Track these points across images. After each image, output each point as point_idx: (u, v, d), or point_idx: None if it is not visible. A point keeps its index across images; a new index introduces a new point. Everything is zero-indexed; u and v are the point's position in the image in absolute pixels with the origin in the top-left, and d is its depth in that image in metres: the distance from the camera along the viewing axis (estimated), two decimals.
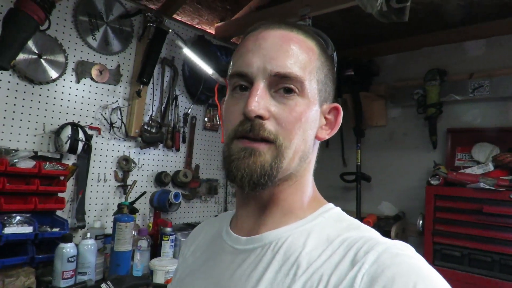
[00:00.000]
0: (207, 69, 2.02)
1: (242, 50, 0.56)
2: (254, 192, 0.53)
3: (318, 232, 0.53)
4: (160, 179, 2.13)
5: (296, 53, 0.53)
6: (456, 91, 2.35)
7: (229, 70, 0.58)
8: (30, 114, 1.68)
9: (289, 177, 0.56)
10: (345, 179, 2.66)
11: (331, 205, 0.59)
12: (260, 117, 0.51)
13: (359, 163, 2.65)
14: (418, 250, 0.48)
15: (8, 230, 1.45)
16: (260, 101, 0.51)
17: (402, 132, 2.69)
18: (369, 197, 2.74)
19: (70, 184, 1.79)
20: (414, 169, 2.59)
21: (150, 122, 2.08)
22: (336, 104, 0.60)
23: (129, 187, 1.98)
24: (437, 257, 2.06)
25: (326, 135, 0.59)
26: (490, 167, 2.02)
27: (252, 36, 0.56)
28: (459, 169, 2.24)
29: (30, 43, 1.61)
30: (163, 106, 2.17)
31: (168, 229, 1.88)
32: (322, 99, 0.57)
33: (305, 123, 0.54)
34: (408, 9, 1.61)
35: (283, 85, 0.52)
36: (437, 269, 0.45)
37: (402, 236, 2.44)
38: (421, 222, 2.19)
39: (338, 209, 0.59)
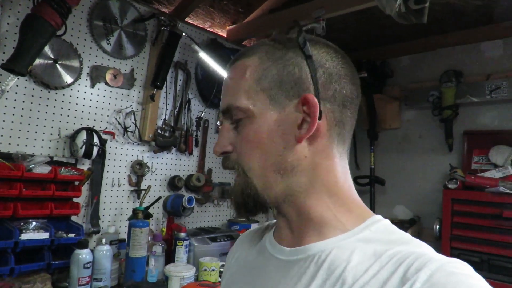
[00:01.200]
0: (223, 73, 2.01)
1: None
2: (251, 216, 0.59)
3: (364, 245, 0.49)
4: (173, 183, 2.12)
5: (230, 85, 0.57)
6: (472, 92, 2.32)
7: None
8: (46, 119, 1.68)
9: (293, 191, 0.54)
10: (358, 182, 2.63)
11: (379, 216, 0.55)
12: (226, 152, 0.57)
13: (373, 166, 2.62)
14: None
15: (25, 236, 1.45)
16: (222, 139, 0.57)
17: (416, 134, 2.66)
18: (383, 201, 2.71)
19: (84, 189, 1.78)
20: (429, 172, 2.55)
21: (164, 126, 2.07)
22: (304, 95, 0.52)
23: (143, 191, 1.97)
24: None
25: (306, 132, 0.52)
26: (510, 170, 1.98)
27: None
28: (476, 172, 2.20)
29: (46, 48, 1.61)
30: (176, 110, 2.16)
31: (182, 234, 1.87)
32: (284, 100, 0.53)
33: (259, 139, 0.54)
34: (427, 10, 1.58)
35: (230, 117, 0.56)
36: None
37: None
38: (438, 226, 2.15)
39: (387, 221, 0.54)
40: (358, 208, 0.56)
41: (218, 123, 2.38)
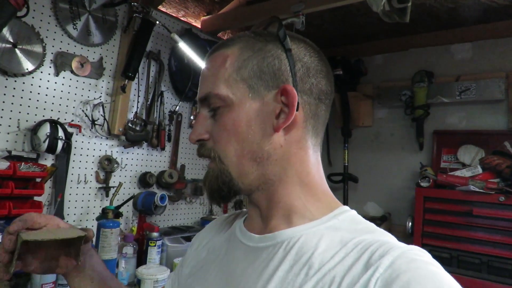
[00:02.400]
0: (201, 65, 1.91)
1: None
2: (224, 202, 0.59)
3: (332, 233, 0.52)
4: (144, 180, 2.01)
5: (209, 73, 0.57)
6: (443, 93, 2.38)
7: None
8: (3, 110, 1.51)
9: (267, 179, 0.56)
10: (332, 179, 2.63)
11: (346, 207, 0.57)
12: (202, 139, 0.58)
13: (346, 164, 2.63)
14: None
15: None
16: (198, 127, 0.58)
17: (388, 133, 2.70)
18: (355, 198, 2.74)
19: (47, 186, 1.63)
20: (400, 170, 2.60)
21: (135, 119, 1.95)
22: (283, 85, 0.54)
23: (112, 189, 1.85)
24: None
25: (284, 121, 0.54)
26: (479, 169, 2.05)
27: None
28: (445, 170, 2.26)
29: (4, 31, 1.45)
30: (148, 102, 2.04)
31: (155, 234, 1.77)
32: (263, 90, 0.55)
33: (237, 127, 0.54)
34: (409, 9, 1.58)
35: (209, 105, 0.57)
36: None
37: None
38: (410, 224, 2.20)
39: (354, 212, 0.57)
40: (328, 198, 0.59)
41: (192, 117, 2.29)
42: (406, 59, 2.64)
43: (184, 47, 1.89)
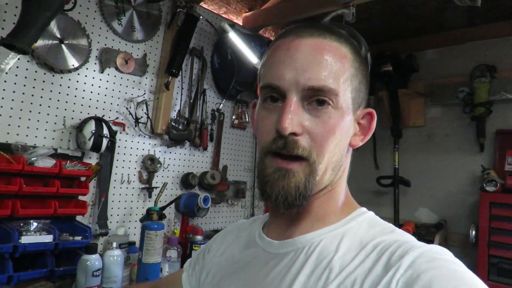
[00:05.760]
0: (253, 58, 1.82)
1: (273, 59, 0.54)
2: (289, 211, 0.53)
3: (351, 236, 0.51)
4: (187, 181, 1.94)
5: (329, 64, 0.51)
6: (508, 89, 2.16)
7: (259, 79, 0.56)
8: (49, 106, 1.49)
9: (323, 188, 0.55)
10: (381, 183, 2.46)
11: (364, 209, 0.57)
12: (294, 133, 0.50)
13: (397, 166, 2.45)
14: (466, 263, 0.43)
15: (25, 239, 1.26)
16: (294, 117, 0.50)
17: (443, 133, 2.49)
18: (405, 203, 2.54)
19: (91, 186, 1.59)
20: (457, 173, 2.39)
21: (178, 118, 1.89)
22: (370, 110, 0.57)
23: (155, 189, 1.79)
24: (492, 272, 1.86)
25: (359, 141, 0.57)
26: None
27: (283, 44, 0.54)
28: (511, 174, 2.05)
29: (52, 25, 1.42)
30: (191, 100, 1.97)
31: (199, 237, 1.70)
32: (356, 106, 0.55)
33: (338, 135, 0.52)
34: None
35: (317, 97, 0.51)
36: (493, 286, 0.30)
37: (444, 246, 2.24)
38: (474, 232, 1.99)
39: (371, 213, 0.57)
40: (349, 201, 0.59)
41: (234, 117, 2.20)
42: (462, 54, 2.43)
43: (234, 37, 1.81)
